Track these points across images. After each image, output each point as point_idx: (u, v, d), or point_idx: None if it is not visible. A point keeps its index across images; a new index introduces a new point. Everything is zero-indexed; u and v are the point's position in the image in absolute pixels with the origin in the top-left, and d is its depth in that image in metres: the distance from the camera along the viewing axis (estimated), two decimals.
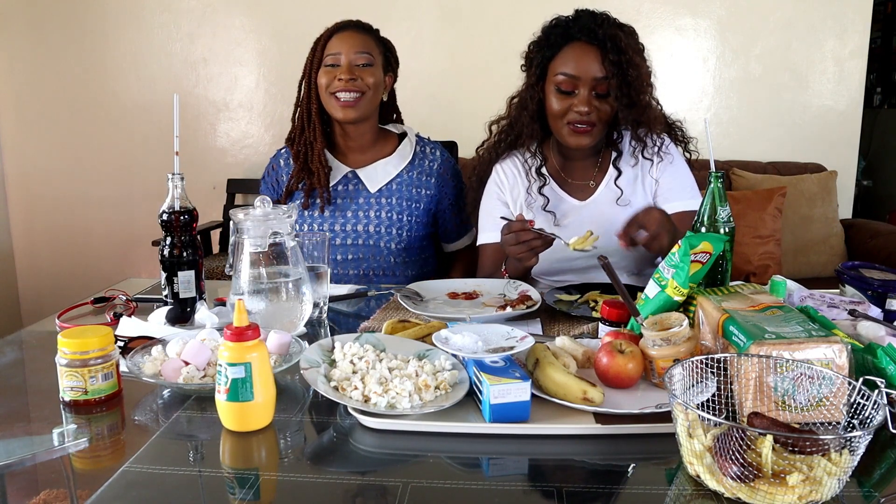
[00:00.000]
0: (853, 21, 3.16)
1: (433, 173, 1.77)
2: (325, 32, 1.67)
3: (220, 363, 0.87)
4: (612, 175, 1.60)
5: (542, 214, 1.61)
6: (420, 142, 1.81)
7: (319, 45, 1.66)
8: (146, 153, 3.41)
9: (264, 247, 1.15)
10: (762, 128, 3.28)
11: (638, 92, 1.47)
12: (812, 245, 3.01)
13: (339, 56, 1.63)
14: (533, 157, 1.62)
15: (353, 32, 1.67)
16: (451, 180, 1.80)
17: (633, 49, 1.47)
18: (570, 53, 1.49)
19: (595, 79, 1.47)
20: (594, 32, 1.46)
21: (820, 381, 0.83)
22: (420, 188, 1.76)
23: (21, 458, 0.80)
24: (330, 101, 1.65)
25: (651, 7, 3.18)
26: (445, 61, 3.27)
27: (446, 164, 1.80)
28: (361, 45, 1.65)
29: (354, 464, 0.82)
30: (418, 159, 1.77)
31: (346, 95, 1.63)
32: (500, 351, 0.95)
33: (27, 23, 3.35)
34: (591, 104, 1.48)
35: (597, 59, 1.46)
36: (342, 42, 1.65)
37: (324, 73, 1.65)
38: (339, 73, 1.63)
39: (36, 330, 1.31)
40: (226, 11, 3.31)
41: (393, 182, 1.74)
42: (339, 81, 1.62)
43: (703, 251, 1.04)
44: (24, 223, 3.57)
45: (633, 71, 1.45)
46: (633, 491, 0.76)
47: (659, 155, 1.58)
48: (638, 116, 1.50)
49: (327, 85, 1.64)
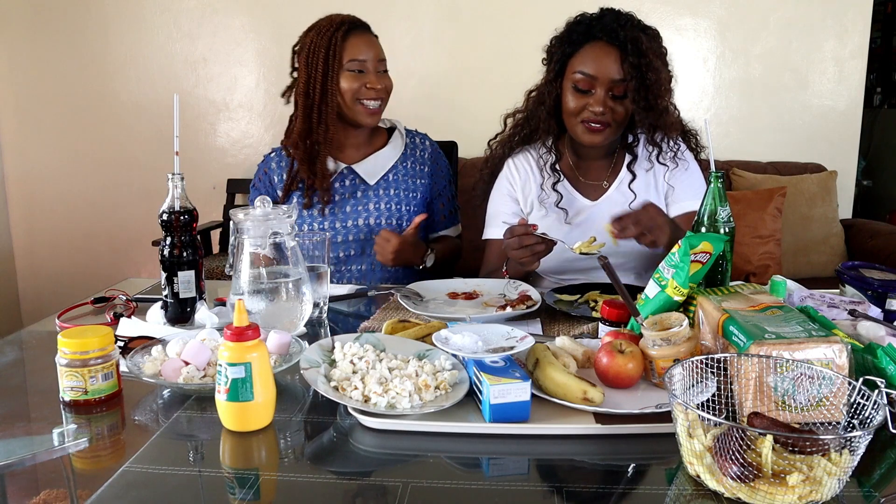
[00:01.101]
0: (853, 21, 3.16)
1: (425, 162, 1.79)
2: (338, 32, 1.61)
3: (220, 363, 0.87)
4: (624, 178, 1.60)
5: (555, 211, 1.60)
6: (409, 133, 1.82)
7: (335, 47, 1.61)
8: (146, 153, 3.41)
9: (264, 247, 1.15)
10: (762, 128, 3.28)
11: (656, 96, 1.46)
12: (812, 245, 3.01)
13: (365, 63, 1.62)
14: (548, 152, 1.61)
15: (370, 36, 1.66)
16: (442, 169, 1.83)
17: (653, 52, 1.46)
18: (590, 52, 1.48)
19: (612, 80, 1.46)
20: (616, 33, 1.45)
21: (820, 381, 0.83)
22: (415, 178, 1.77)
23: (21, 458, 0.80)
24: (356, 107, 1.63)
25: (651, 7, 3.18)
26: (445, 61, 3.27)
27: (435, 153, 1.83)
28: (381, 52, 1.66)
29: (354, 464, 0.82)
30: (409, 149, 1.79)
31: (374, 104, 1.64)
32: (500, 351, 0.95)
33: (27, 23, 3.35)
34: (607, 105, 1.47)
35: (616, 61, 1.45)
36: (365, 47, 1.63)
37: (349, 78, 1.61)
38: (368, 80, 1.62)
39: (36, 330, 1.31)
40: (226, 11, 3.31)
41: (389, 174, 1.75)
42: (370, 90, 1.62)
43: (703, 251, 1.04)
44: (24, 223, 3.57)
45: (652, 75, 1.44)
46: (633, 491, 0.77)
47: (674, 160, 1.58)
48: (654, 121, 1.49)
49: (355, 91, 1.62)
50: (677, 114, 1.55)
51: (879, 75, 4.61)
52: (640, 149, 1.60)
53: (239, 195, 3.39)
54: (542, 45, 1.61)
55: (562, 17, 1.59)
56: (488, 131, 1.74)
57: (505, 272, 1.52)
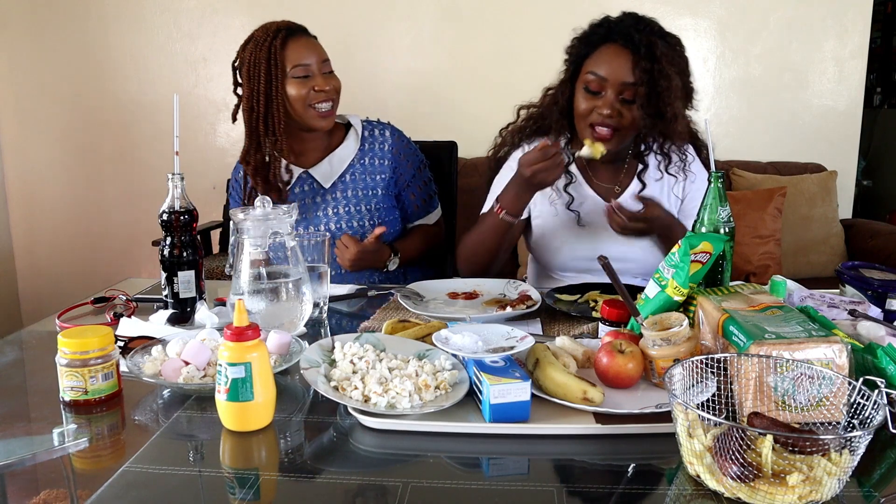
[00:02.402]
0: (853, 21, 3.16)
1: (385, 155, 1.73)
2: (276, 41, 1.58)
3: (220, 363, 0.87)
4: (635, 187, 1.59)
5: (566, 213, 1.59)
6: (367, 126, 1.75)
7: (275, 56, 1.57)
8: (146, 153, 3.41)
9: (264, 247, 1.15)
10: (762, 128, 3.28)
11: (665, 103, 1.43)
12: (812, 245, 3.01)
13: (309, 66, 1.59)
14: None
15: (309, 39, 1.64)
16: (407, 158, 1.75)
17: (668, 59, 1.43)
18: (604, 54, 1.47)
19: (623, 83, 1.44)
20: (631, 36, 1.44)
21: (820, 381, 0.83)
22: (374, 174, 1.71)
23: (21, 458, 0.80)
24: (307, 113, 1.60)
25: (651, 7, 3.15)
26: (445, 61, 3.27)
27: (398, 142, 1.75)
28: (323, 53, 1.64)
29: (354, 464, 0.82)
30: (367, 144, 1.73)
31: (325, 106, 1.61)
32: (500, 351, 0.95)
33: (27, 23, 3.35)
34: (615, 108, 1.46)
35: (628, 64, 1.44)
36: (307, 51, 1.60)
37: (295, 84, 1.58)
38: (315, 83, 1.59)
39: (36, 330, 1.31)
40: (226, 11, 3.31)
41: (346, 174, 1.71)
42: (319, 93, 1.59)
43: (703, 251, 1.04)
44: (24, 223, 3.57)
45: (663, 81, 1.42)
46: (633, 491, 0.76)
47: (683, 172, 1.57)
48: (662, 128, 1.47)
49: (304, 97, 1.59)
50: (687, 123, 1.53)
51: (879, 75, 4.61)
52: (650, 159, 1.58)
53: None
54: (542, 45, 1.61)
55: (562, 18, 1.59)
56: (488, 131, 1.73)
57: (499, 209, 1.47)
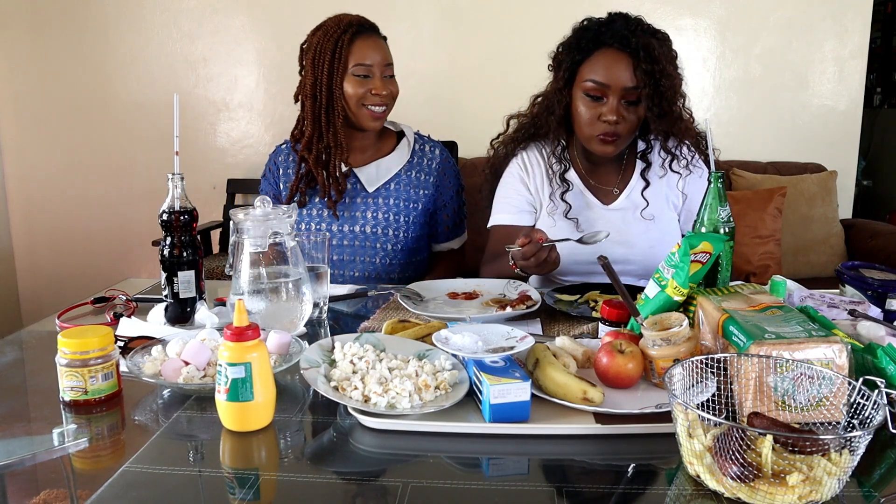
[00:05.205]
0: (853, 21, 3.16)
1: (432, 172, 1.74)
2: (345, 35, 1.58)
3: (220, 363, 0.87)
4: (636, 185, 1.58)
5: (564, 221, 1.58)
6: (419, 140, 1.77)
7: (341, 50, 1.58)
8: (146, 153, 3.41)
9: (264, 247, 1.15)
10: (762, 128, 3.28)
11: (670, 102, 1.44)
12: (812, 245, 3.01)
13: (371, 68, 1.59)
14: (558, 162, 1.59)
15: (377, 40, 1.63)
16: (450, 180, 1.77)
17: (665, 58, 1.44)
18: (601, 60, 1.45)
19: (625, 88, 1.44)
20: (627, 39, 1.43)
21: (820, 381, 0.83)
22: (418, 188, 1.73)
23: (21, 458, 0.80)
24: (360, 112, 1.62)
25: (651, 7, 3.18)
26: (445, 61, 3.27)
27: (445, 162, 1.77)
28: (388, 56, 1.64)
29: (354, 464, 0.82)
30: (417, 158, 1.74)
31: (379, 109, 1.62)
32: (500, 351, 0.95)
33: (27, 23, 3.35)
34: (620, 113, 1.45)
35: (628, 68, 1.43)
36: (372, 51, 1.60)
37: (354, 82, 1.59)
38: (373, 86, 1.60)
39: (36, 330, 1.31)
40: (226, 11, 3.31)
41: (391, 182, 1.72)
42: (375, 96, 1.60)
43: (703, 251, 1.04)
44: (24, 223, 3.57)
45: (665, 81, 1.43)
46: (633, 491, 0.76)
47: (688, 168, 1.56)
48: (669, 127, 1.47)
49: (360, 97, 1.60)
50: (690, 119, 1.53)
51: (879, 75, 4.61)
52: (654, 156, 1.58)
53: (239, 195, 3.39)
54: (542, 45, 1.60)
55: (562, 18, 1.58)
56: (488, 131, 1.74)
57: (513, 265, 1.46)
